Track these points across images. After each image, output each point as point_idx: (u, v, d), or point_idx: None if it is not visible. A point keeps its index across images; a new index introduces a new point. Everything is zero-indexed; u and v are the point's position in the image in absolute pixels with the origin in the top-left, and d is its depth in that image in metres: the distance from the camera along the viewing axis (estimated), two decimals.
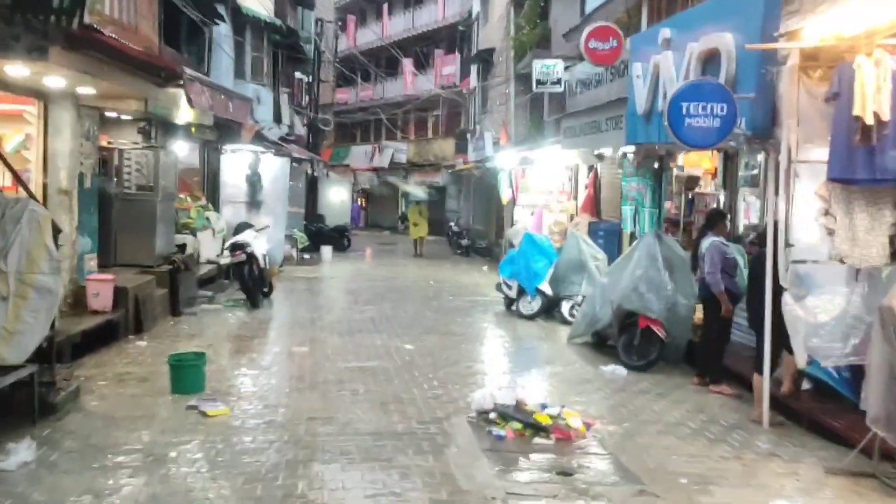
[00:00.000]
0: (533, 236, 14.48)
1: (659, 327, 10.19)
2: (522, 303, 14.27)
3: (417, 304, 15.67)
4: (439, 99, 38.89)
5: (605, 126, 12.64)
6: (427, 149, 40.83)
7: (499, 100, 27.31)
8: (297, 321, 13.23)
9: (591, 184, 18.23)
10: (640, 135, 10.79)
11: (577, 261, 13.96)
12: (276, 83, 24.58)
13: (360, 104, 45.35)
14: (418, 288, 18.61)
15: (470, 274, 22.41)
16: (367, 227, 43.29)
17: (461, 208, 36.98)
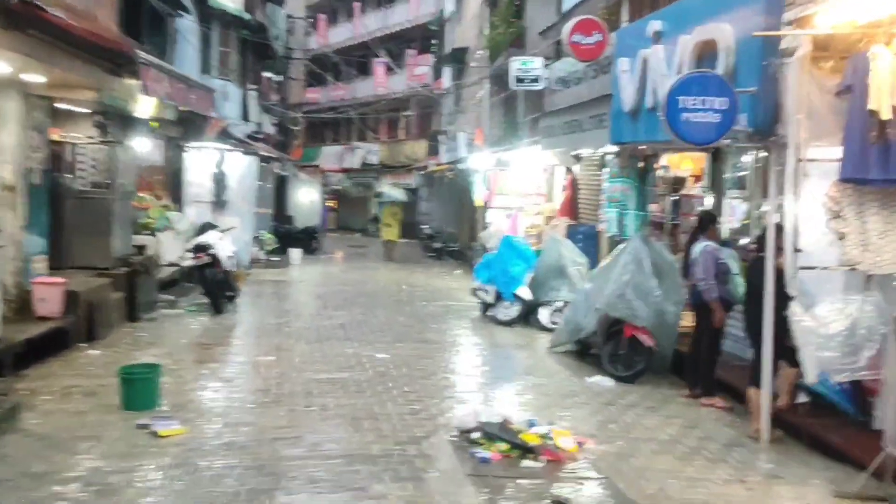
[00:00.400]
0: (511, 239, 13.90)
1: (647, 336, 9.64)
2: (499, 309, 13.67)
3: (390, 309, 15.02)
4: (411, 99, 38.26)
5: (587, 125, 12.09)
6: (399, 150, 40.16)
7: (472, 100, 26.74)
8: (263, 328, 12.52)
9: (568, 186, 17.69)
10: (626, 133, 10.23)
11: (557, 265, 13.41)
12: (245, 79, 23.79)
13: (330, 104, 44.50)
14: (390, 292, 17.95)
15: (443, 278, 21.79)
16: (337, 230, 42.49)
17: (433, 211, 36.34)
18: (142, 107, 12.82)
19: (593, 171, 16.60)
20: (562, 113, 13.64)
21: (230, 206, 20.10)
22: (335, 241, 33.99)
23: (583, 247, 14.98)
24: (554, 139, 14.24)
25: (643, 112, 9.60)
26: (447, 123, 31.45)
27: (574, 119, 12.80)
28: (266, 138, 26.68)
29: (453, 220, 32.68)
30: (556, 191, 19.60)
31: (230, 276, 14.59)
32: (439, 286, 19.50)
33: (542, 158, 18.52)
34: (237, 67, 23.02)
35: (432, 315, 14.49)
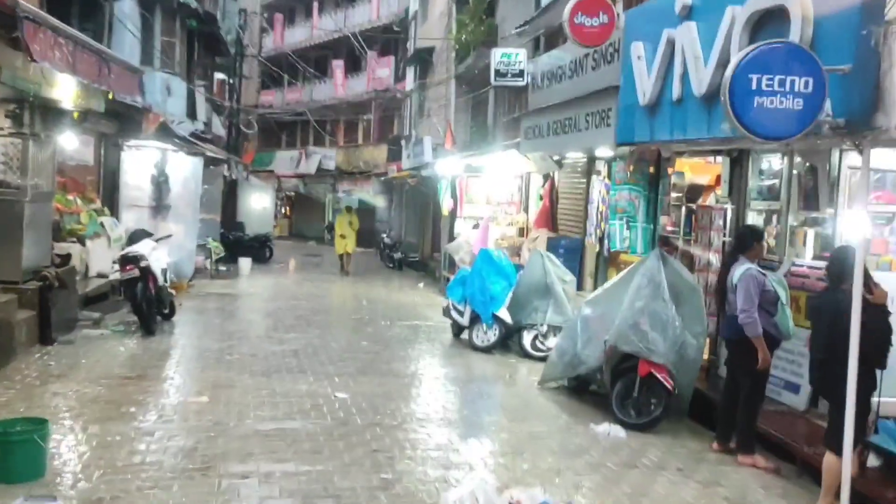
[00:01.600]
0: (489, 253, 12.06)
1: (665, 375, 7.85)
2: (476, 332, 11.82)
3: (349, 330, 13.06)
4: (371, 103, 36.32)
5: (583, 123, 10.32)
6: (357, 155, 38.16)
7: (438, 102, 24.91)
8: (201, 354, 10.49)
9: (546, 194, 15.95)
10: (639, 131, 8.50)
11: (541, 283, 11.62)
12: (191, 74, 21.64)
13: (286, 107, 42.38)
14: (349, 309, 15.99)
15: (405, 291, 19.88)
16: (291, 237, 40.30)
17: (392, 219, 34.42)
18: (60, 91, 10.76)
19: (577, 177, 14.88)
20: (548, 111, 11.87)
21: (172, 212, 17.98)
22: (288, 250, 31.85)
23: (564, 262, 13.25)
24: (537, 141, 12.46)
25: (665, 105, 7.87)
26: (410, 127, 29.56)
27: (566, 118, 11.03)
28: (215, 139, 24.52)
29: (414, 229, 30.81)
30: (531, 199, 17.86)
31: (164, 292, 12.52)
32: (403, 301, 17.59)
33: (517, 164, 16.76)
34: (183, 60, 20.86)
35: (398, 338, 12.57)
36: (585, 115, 10.29)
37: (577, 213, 14.76)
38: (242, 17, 27.88)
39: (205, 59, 24.60)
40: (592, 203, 13.12)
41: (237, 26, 27.26)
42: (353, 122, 39.73)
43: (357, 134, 39.91)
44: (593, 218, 13.01)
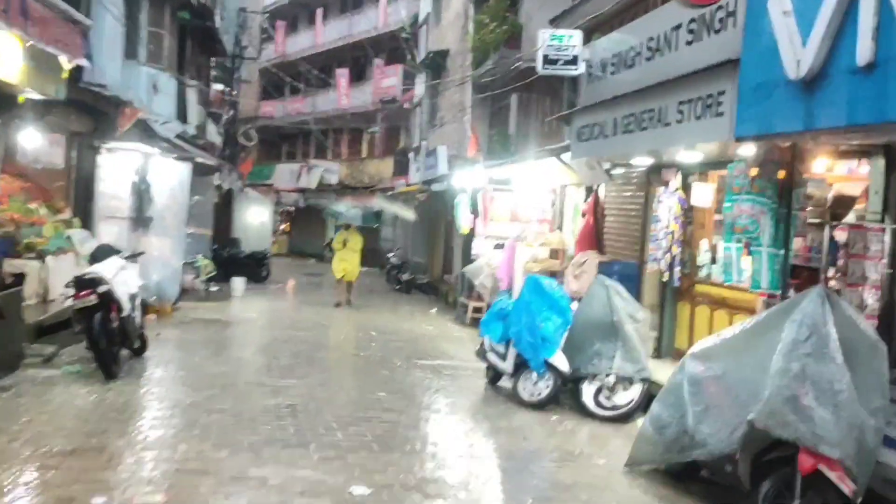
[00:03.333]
0: (539, 281, 9.40)
1: (840, 473, 5.20)
2: (523, 382, 9.17)
3: (359, 374, 10.38)
4: (377, 114, 33.80)
5: (674, 114, 7.74)
6: (361, 169, 35.59)
7: (453, 110, 22.35)
8: (170, 412, 7.83)
9: (590, 210, 13.36)
10: (782, 117, 5.92)
11: (605, 321, 9.02)
12: (183, 71, 19.05)
13: (287, 118, 39.86)
14: (356, 342, 13.33)
15: (417, 319, 17.21)
16: (290, 254, 37.63)
17: (398, 237, 31.79)
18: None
19: (630, 189, 12.29)
20: (615, 104, 9.28)
21: (156, 225, 15.39)
22: (287, 268, 29.18)
23: None
24: (597, 143, 9.87)
25: (838, 76, 5.28)
26: (420, 138, 27.00)
27: (644, 110, 8.44)
28: (209, 147, 21.91)
29: (422, 248, 28.20)
30: (566, 216, 15.28)
31: (132, 323, 9.87)
32: (416, 332, 14.92)
33: (554, 174, 14.19)
34: (173, 55, 18.29)
35: (420, 386, 9.90)
36: (678, 105, 7.70)
37: (630, 233, 12.17)
38: (242, 17, 25.36)
39: (199, 58, 22.03)
40: (660, 221, 10.54)
41: (236, 25, 24.72)
42: (357, 133, 37.20)
43: (361, 146, 37.37)
44: (662, 240, 10.42)
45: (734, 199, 6.79)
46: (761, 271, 6.65)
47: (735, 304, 9.37)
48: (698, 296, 10.27)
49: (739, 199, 6.71)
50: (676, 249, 10.22)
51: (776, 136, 6.20)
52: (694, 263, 10.45)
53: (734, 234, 6.80)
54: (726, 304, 9.59)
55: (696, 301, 10.32)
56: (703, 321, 10.08)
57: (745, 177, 6.72)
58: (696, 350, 6.70)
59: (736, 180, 6.76)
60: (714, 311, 9.85)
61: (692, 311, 10.38)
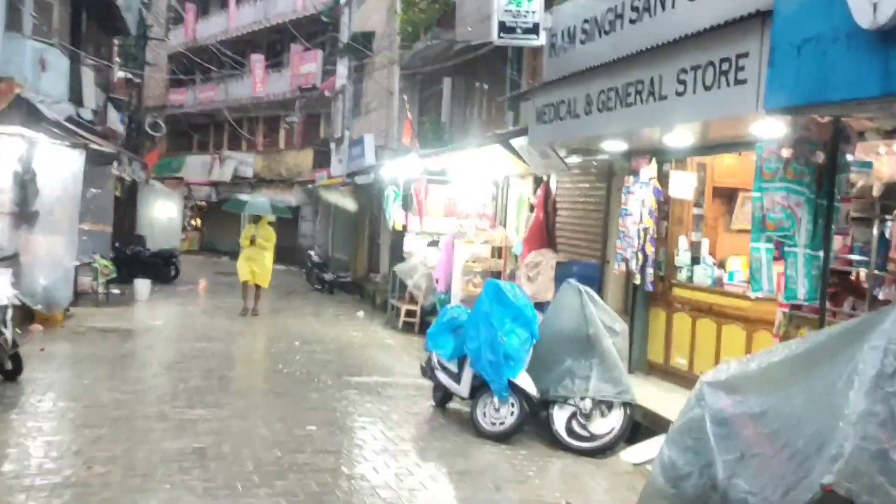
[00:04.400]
0: (500, 287, 7.88)
1: None
2: (483, 408, 7.64)
3: (284, 399, 8.62)
4: (295, 102, 31.78)
5: (674, 85, 6.32)
6: (279, 161, 33.47)
7: (380, 97, 20.67)
8: (38, 468, 5.99)
9: (540, 204, 11.97)
10: (841, 80, 4.57)
11: (579, 334, 7.62)
12: (77, 48, 16.82)
13: (199, 106, 37.36)
14: (277, 354, 11.56)
15: (343, 324, 15.52)
16: (202, 251, 35.23)
17: (318, 233, 29.91)
18: None
19: (589, 181, 10.94)
20: (586, 79, 7.82)
21: (43, 220, 13.28)
22: (199, 267, 26.99)
23: None
24: (564, 125, 8.40)
25: None
26: (342, 128, 25.22)
27: (629, 83, 7.00)
28: (108, 134, 19.66)
29: (344, 244, 26.47)
30: (510, 211, 13.85)
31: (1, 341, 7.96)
32: (344, 340, 13.25)
33: (498, 164, 12.74)
34: (65, 30, 16.08)
35: (356, 412, 8.26)
36: (678, 74, 6.28)
37: (589, 230, 10.83)
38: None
39: (99, 36, 19.74)
40: (630, 216, 9.19)
41: (140, 3, 22.42)
42: (274, 123, 35.02)
43: (279, 137, 35.20)
44: (632, 237, 9.07)
45: (765, 187, 5.41)
46: (796, 278, 5.31)
47: (725, 313, 8.09)
48: (676, 301, 8.97)
49: (772, 187, 5.33)
50: (651, 248, 8.89)
51: (828, 107, 4.83)
52: (671, 264, 9.14)
53: (764, 232, 5.42)
54: (713, 311, 8.30)
55: (673, 307, 9.01)
56: (684, 331, 8.78)
57: (777, 159, 5.35)
58: (717, 378, 5.28)
59: (767, 164, 5.38)
60: (697, 320, 8.56)
61: (669, 319, 9.07)
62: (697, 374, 8.50)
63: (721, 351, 8.13)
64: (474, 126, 15.70)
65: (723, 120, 6.32)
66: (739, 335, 7.87)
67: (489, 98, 15.86)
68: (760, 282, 5.49)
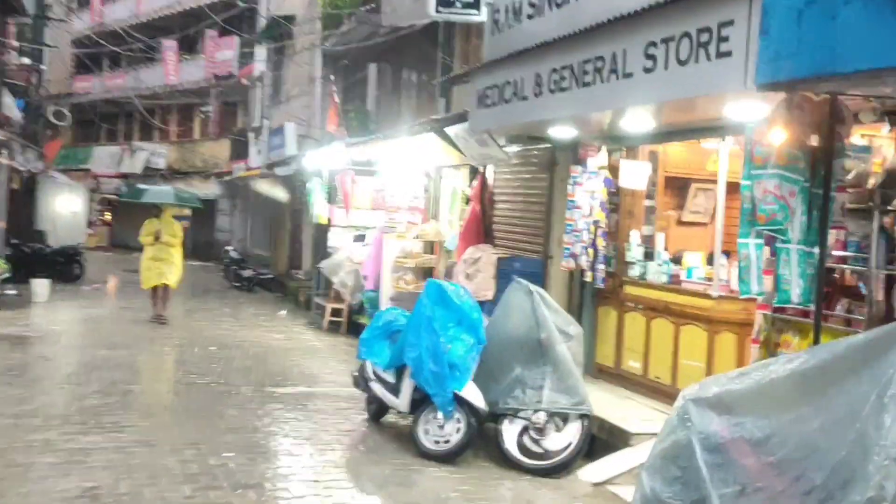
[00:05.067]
0: (443, 288, 7.01)
1: None
2: (426, 424, 6.78)
3: (198, 419, 7.52)
4: (211, 91, 30.22)
5: (642, 60, 5.57)
6: (194, 153, 31.85)
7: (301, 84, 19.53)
8: None
9: (476, 197, 11.18)
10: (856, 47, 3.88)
11: (530, 339, 6.86)
12: None
13: (107, 95, 35.29)
14: (191, 363, 10.44)
15: (265, 325, 14.46)
16: (111, 248, 33.30)
17: (237, 227, 28.52)
18: None
19: (530, 171, 10.20)
20: (536, 57, 7.03)
21: None
22: (107, 264, 25.29)
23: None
24: (507, 109, 7.60)
25: None
26: (261, 117, 23.94)
27: (586, 59, 6.23)
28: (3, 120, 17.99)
29: (264, 240, 25.26)
30: (443, 204, 13.01)
31: None
32: (266, 344, 12.20)
33: (431, 154, 11.89)
34: None
35: (281, 432, 7.28)
36: (645, 48, 5.53)
37: (530, 224, 10.09)
38: None
39: None
40: (578, 209, 8.48)
41: None
42: (188, 112, 33.29)
43: (193, 127, 33.51)
44: (582, 231, 8.35)
45: (755, 174, 4.68)
46: (790, 278, 4.62)
47: (684, 313, 7.43)
48: (628, 300, 8.28)
49: (763, 174, 4.61)
50: (603, 242, 8.18)
51: (835, 81, 4.13)
52: (622, 260, 8.46)
53: (754, 225, 4.70)
54: (670, 311, 7.63)
55: (624, 306, 8.32)
56: (637, 331, 8.10)
57: (768, 142, 4.64)
58: (703, 394, 4.55)
59: (758, 147, 4.66)
60: (652, 320, 7.88)
61: (620, 319, 8.38)
62: (652, 379, 7.93)
63: (680, 354, 7.47)
64: (403, 114, 14.80)
65: (695, 100, 5.61)
66: (700, 337, 7.23)
67: (419, 85, 14.99)
68: (750, 283, 4.77)
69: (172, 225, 13.83)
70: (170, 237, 13.58)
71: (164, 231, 13.61)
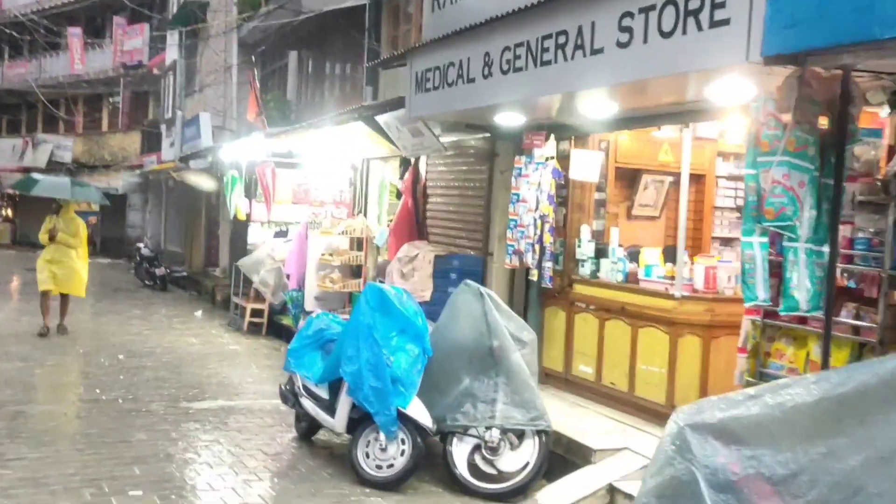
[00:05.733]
0: (383, 292, 6.08)
1: None
2: (365, 447, 5.85)
3: (99, 447, 6.36)
4: (120, 80, 28.34)
5: (614, 33, 4.79)
6: (102, 145, 29.84)
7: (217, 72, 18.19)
8: None
9: (408, 190, 10.29)
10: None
11: (481, 348, 6.04)
12: None
13: (7, 85, 32.84)
14: (95, 375, 9.19)
15: (178, 328, 13.21)
16: (14, 245, 31.01)
17: (150, 223, 26.80)
18: None
19: (467, 163, 9.39)
20: (484, 34, 6.18)
21: None
22: (8, 263, 23.32)
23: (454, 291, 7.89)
24: (450, 93, 6.75)
25: None
26: (174, 108, 22.39)
27: (544, 36, 5.42)
28: None
29: (178, 236, 23.74)
30: (371, 197, 12.06)
31: None
32: (180, 350, 11.01)
33: (358, 145, 10.95)
34: None
35: (197, 459, 6.24)
36: (619, 20, 4.74)
37: (468, 219, 9.26)
38: None
39: None
40: (523, 203, 7.69)
41: None
42: (96, 103, 31.22)
43: (101, 118, 31.43)
44: (528, 227, 7.57)
45: (762, 161, 3.93)
46: (799, 281, 3.90)
47: (643, 314, 6.71)
48: (579, 299, 7.53)
49: (771, 161, 3.87)
50: (550, 238, 7.41)
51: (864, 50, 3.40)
52: (570, 257, 7.71)
53: (761, 221, 3.96)
54: (626, 312, 6.91)
55: (575, 307, 7.57)
56: (588, 334, 7.37)
57: (776, 123, 3.90)
58: (702, 419, 3.77)
59: (765, 130, 3.91)
60: (606, 322, 7.15)
61: (569, 321, 7.63)
62: (607, 385, 7.19)
63: (638, 358, 6.76)
64: (326, 105, 13.75)
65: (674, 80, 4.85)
66: (661, 341, 6.53)
67: (343, 74, 13.97)
68: (755, 288, 4.03)
69: (72, 222, 11.54)
70: (67, 237, 11.32)
71: (61, 229, 11.34)
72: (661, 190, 8.07)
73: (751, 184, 3.97)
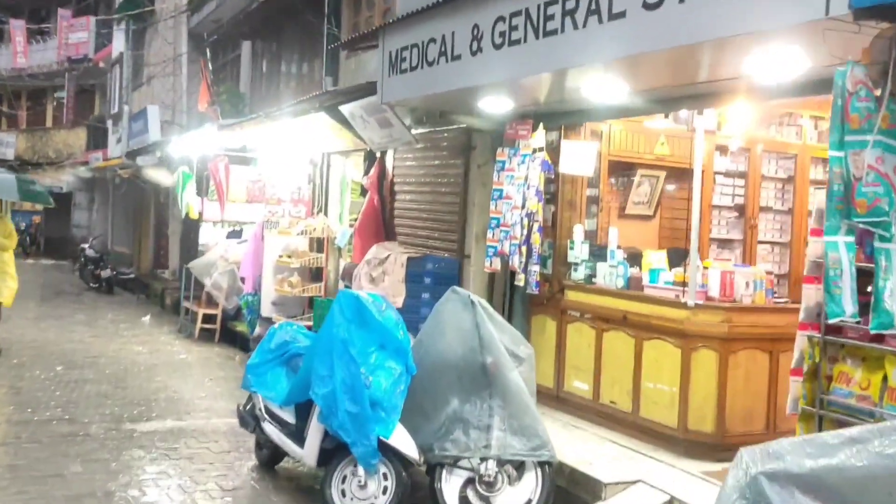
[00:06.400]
0: (360, 301, 5.11)
1: None
2: (340, 483, 4.88)
3: (26, 480, 5.33)
4: (65, 75, 26.72)
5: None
6: (46, 141, 28.14)
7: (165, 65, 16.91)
8: None
9: (373, 186, 9.32)
10: None
11: (472, 364, 5.10)
12: None
13: None
14: (29, 391, 8.01)
15: (124, 334, 12.03)
16: None
17: (96, 223, 25.26)
18: None
19: (440, 157, 8.47)
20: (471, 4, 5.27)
21: None
22: None
23: (433, 296, 7.15)
24: (432, 73, 5.82)
25: None
26: (120, 103, 20.99)
27: (547, 2, 4.53)
28: None
29: (126, 236, 22.34)
30: (332, 195, 11.03)
31: None
32: (126, 360, 9.87)
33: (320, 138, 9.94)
34: None
35: (143, 492, 5.21)
36: None
37: (443, 218, 8.32)
38: None
39: None
40: (508, 200, 6.80)
41: None
42: (39, 98, 29.51)
43: (45, 114, 29.72)
44: (514, 226, 6.67)
45: (850, 140, 3.08)
46: (894, 291, 3.08)
47: (649, 325, 5.86)
48: (571, 307, 6.65)
49: (864, 140, 3.03)
50: (539, 239, 6.53)
51: None
52: (560, 260, 6.84)
53: (850, 216, 3.11)
54: (628, 322, 6.05)
55: (567, 315, 6.70)
56: (583, 346, 6.50)
57: (867, 94, 3.06)
58: (782, 466, 2.95)
59: (854, 101, 3.07)
60: (605, 333, 6.29)
61: (561, 330, 6.75)
62: (606, 404, 6.32)
63: (643, 375, 5.91)
64: (282, 97, 12.67)
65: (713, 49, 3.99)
66: (671, 355, 5.69)
67: (300, 64, 12.90)
68: (841, 300, 3.18)
69: (5, 224, 10.03)
70: (2, 239, 9.74)
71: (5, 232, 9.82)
72: (656, 186, 7.26)
73: (836, 169, 3.13)
